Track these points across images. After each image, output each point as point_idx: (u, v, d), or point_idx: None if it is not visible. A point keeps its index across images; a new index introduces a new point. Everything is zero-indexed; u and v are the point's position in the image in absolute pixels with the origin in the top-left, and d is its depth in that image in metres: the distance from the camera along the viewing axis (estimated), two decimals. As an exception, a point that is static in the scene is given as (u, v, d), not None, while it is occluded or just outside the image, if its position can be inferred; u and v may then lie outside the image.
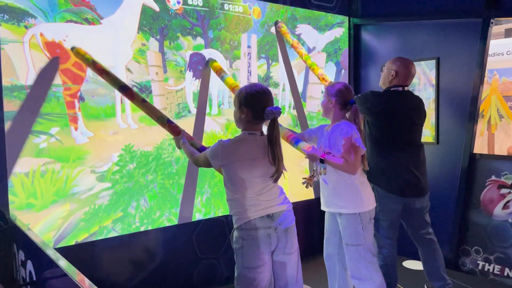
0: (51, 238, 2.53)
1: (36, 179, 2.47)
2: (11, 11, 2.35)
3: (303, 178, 2.45)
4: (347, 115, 2.45)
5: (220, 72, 3.04)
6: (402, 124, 2.67)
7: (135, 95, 2.49)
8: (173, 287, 3.01)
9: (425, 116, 2.81)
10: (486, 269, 3.29)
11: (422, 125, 2.80)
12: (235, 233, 2.00)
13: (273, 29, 3.54)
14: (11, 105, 2.38)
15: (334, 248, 2.58)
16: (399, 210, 2.73)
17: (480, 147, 4.51)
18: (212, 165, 2.02)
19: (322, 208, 2.57)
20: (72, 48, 2.52)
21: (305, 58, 3.44)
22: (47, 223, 2.51)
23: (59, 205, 2.55)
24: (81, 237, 2.65)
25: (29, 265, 1.67)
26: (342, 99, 2.42)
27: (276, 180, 2.00)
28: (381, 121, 2.67)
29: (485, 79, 4.46)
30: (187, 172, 3.09)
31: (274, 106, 1.97)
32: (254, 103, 1.96)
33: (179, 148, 2.36)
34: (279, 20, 3.55)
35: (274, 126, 1.96)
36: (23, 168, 2.42)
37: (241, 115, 2.00)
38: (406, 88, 2.74)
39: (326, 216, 2.61)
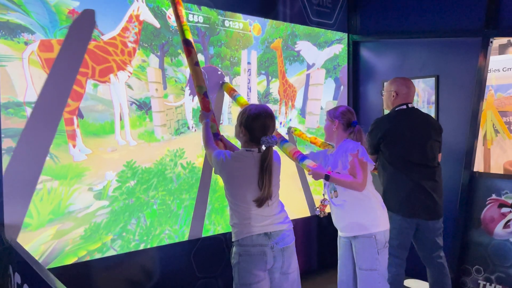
0: (47, 256, 2.47)
1: (32, 197, 2.41)
2: (11, 27, 2.32)
3: (315, 208, 2.46)
4: (351, 135, 2.42)
5: (232, 92, 3.03)
6: (412, 141, 2.65)
7: (192, 55, 2.50)
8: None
9: (440, 131, 2.78)
10: (487, 289, 3.26)
11: (438, 141, 2.76)
12: (234, 249, 2.02)
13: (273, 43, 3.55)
14: (9, 122, 2.33)
15: (348, 275, 2.50)
16: (411, 230, 2.70)
17: (476, 162, 4.51)
18: (214, 171, 2.06)
19: (339, 233, 2.51)
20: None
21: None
22: (43, 241, 2.45)
23: (56, 223, 2.49)
24: (79, 255, 2.58)
25: (26, 289, 1.62)
26: (345, 120, 2.41)
27: (260, 205, 1.96)
28: (391, 142, 2.67)
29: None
30: (199, 188, 3.09)
31: (271, 135, 1.98)
32: (253, 128, 1.98)
33: (200, 122, 2.37)
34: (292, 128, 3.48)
35: (268, 153, 1.97)
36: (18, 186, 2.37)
37: (240, 133, 2.04)
38: (410, 105, 2.75)
39: (339, 241, 2.54)
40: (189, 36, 2.53)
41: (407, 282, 3.50)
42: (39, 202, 2.43)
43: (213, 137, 2.26)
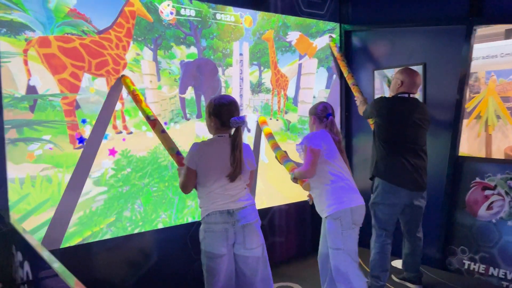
0: (51, 241, 2.66)
1: (34, 184, 2.59)
2: (14, 26, 2.48)
3: (307, 196, 2.80)
4: (326, 127, 2.70)
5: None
6: (407, 125, 2.97)
7: (157, 125, 2.76)
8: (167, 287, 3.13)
9: (429, 123, 3.10)
10: (471, 269, 3.40)
11: (426, 130, 3.08)
12: (201, 226, 2.25)
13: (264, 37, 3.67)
14: (11, 114, 2.51)
15: (325, 248, 2.71)
16: (400, 204, 3.01)
17: (477, 148, 4.63)
18: (190, 165, 2.22)
19: None
20: (121, 76, 2.85)
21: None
22: (46, 225, 2.64)
23: (55, 208, 2.67)
24: (79, 237, 2.77)
25: (26, 266, 1.79)
26: (319, 114, 2.73)
27: (232, 180, 2.20)
28: (388, 122, 3.01)
29: (483, 80, 4.59)
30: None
31: (239, 116, 2.21)
32: (221, 114, 2.22)
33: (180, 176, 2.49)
34: (331, 35, 4.06)
35: (237, 133, 2.23)
36: (21, 173, 2.55)
37: (210, 123, 2.27)
38: (412, 95, 3.05)
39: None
40: (151, 113, 2.78)
41: (394, 262, 3.65)
42: (40, 188, 2.61)
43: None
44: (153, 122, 2.76)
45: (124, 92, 2.92)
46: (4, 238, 2.17)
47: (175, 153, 2.65)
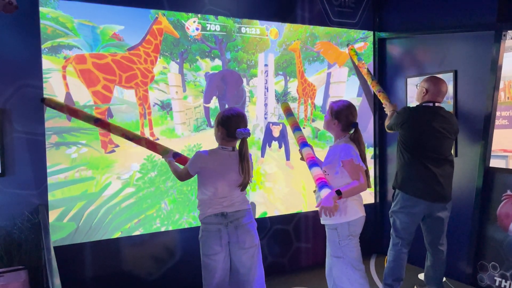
0: (82, 232, 3.01)
1: (70, 183, 2.96)
2: (55, 46, 2.88)
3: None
4: (349, 136, 2.54)
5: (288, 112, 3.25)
6: (429, 134, 2.91)
7: (109, 124, 2.85)
8: (189, 284, 3.35)
9: (455, 132, 3.02)
10: (503, 286, 3.21)
11: (452, 139, 3.01)
12: (200, 227, 2.43)
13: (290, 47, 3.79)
14: (51, 122, 2.90)
15: (328, 257, 2.74)
16: (419, 214, 2.97)
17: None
18: (191, 172, 2.42)
19: None
20: (42, 99, 2.84)
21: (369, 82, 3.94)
22: (79, 221, 3.00)
23: (89, 205, 3.03)
24: (110, 233, 3.10)
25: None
26: (343, 120, 2.51)
27: (243, 188, 2.39)
28: (410, 131, 2.97)
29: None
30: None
31: (245, 128, 2.35)
32: (228, 124, 2.35)
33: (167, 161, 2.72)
34: (350, 42, 4.05)
35: (243, 144, 2.36)
36: (60, 174, 2.93)
37: (218, 132, 2.41)
38: (437, 104, 2.99)
39: None
40: (93, 116, 2.85)
41: (421, 275, 3.56)
42: (75, 187, 2.98)
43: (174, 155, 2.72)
44: (103, 123, 2.83)
45: (151, 101, 3.22)
46: (36, 228, 2.53)
47: (172, 156, 2.74)
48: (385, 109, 3.65)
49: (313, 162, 2.62)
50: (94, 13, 3.00)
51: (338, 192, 2.35)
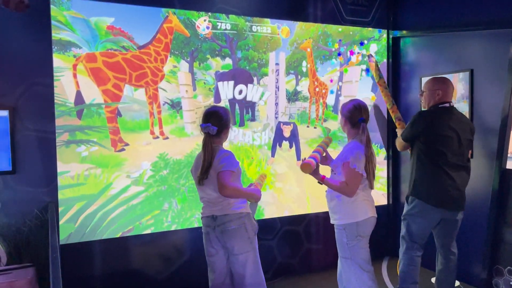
0: (91, 230, 3.02)
1: (80, 181, 2.97)
2: (63, 44, 2.90)
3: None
4: (358, 133, 2.53)
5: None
6: (450, 138, 2.79)
7: None
8: (199, 283, 3.34)
9: (473, 130, 2.92)
10: (519, 292, 3.11)
11: (471, 140, 2.90)
12: None
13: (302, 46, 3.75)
14: (61, 120, 2.91)
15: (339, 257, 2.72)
16: (435, 220, 2.88)
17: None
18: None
19: None
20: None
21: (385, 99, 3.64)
22: (88, 218, 3.00)
23: (99, 203, 3.03)
24: (119, 231, 3.10)
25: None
26: (351, 118, 2.53)
27: (199, 182, 2.32)
28: (431, 135, 2.82)
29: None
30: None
31: (206, 123, 2.33)
32: (201, 121, 2.40)
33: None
34: (372, 55, 3.86)
35: (205, 138, 2.34)
36: (70, 171, 2.94)
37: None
38: (451, 104, 2.90)
39: None
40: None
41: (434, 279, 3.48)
42: (85, 185, 2.98)
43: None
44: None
45: (161, 100, 3.21)
46: (45, 225, 2.55)
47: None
48: (398, 132, 3.37)
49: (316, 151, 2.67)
50: (107, 11, 3.00)
51: (322, 178, 2.47)
